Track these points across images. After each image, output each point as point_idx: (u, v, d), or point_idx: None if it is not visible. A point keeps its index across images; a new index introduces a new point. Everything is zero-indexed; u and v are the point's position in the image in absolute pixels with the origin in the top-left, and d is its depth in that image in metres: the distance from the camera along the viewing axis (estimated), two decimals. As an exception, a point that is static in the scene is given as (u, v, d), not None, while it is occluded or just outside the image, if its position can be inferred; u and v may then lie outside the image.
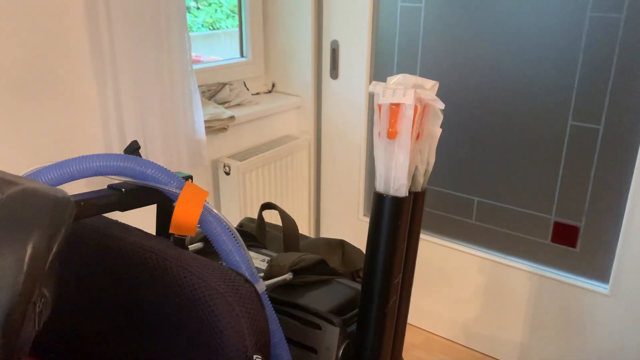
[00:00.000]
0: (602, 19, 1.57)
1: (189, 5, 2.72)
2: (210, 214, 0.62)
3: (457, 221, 2.00)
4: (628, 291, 1.70)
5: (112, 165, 0.62)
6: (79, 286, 0.63)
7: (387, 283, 0.65)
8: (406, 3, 1.90)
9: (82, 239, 0.63)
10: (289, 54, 2.15)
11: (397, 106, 0.59)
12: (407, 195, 0.64)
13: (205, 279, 0.55)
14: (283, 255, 0.80)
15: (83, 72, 1.42)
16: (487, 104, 1.82)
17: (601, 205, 1.70)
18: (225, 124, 1.81)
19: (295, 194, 2.16)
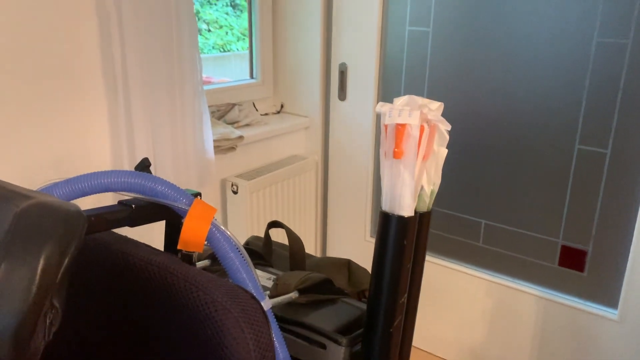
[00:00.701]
0: (609, 45, 1.59)
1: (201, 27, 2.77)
2: (218, 231, 0.63)
3: (464, 244, 2.00)
4: (637, 317, 1.68)
5: (123, 181, 0.63)
6: (88, 299, 0.64)
7: (393, 303, 0.65)
8: (414, 27, 1.92)
9: (92, 253, 0.63)
10: (298, 76, 2.17)
11: (403, 126, 0.60)
12: (413, 215, 0.64)
13: (212, 295, 0.55)
14: (289, 274, 0.81)
15: (94, 90, 1.44)
16: (494, 127, 1.83)
17: (609, 229, 1.69)
18: (234, 144, 1.83)
19: (303, 214, 2.16)
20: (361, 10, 1.99)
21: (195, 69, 1.59)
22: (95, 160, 1.50)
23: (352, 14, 2.01)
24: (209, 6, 2.71)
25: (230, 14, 2.73)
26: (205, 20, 2.76)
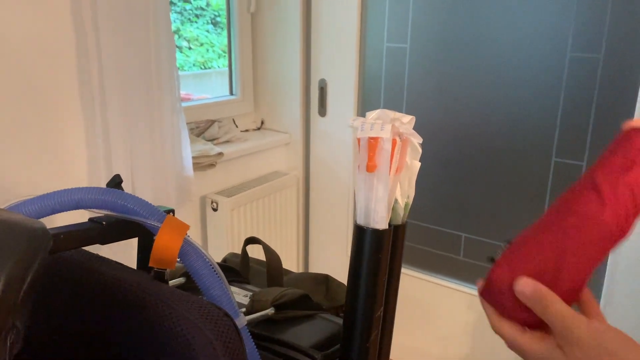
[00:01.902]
0: (581, 59, 1.62)
1: (182, 45, 2.77)
2: (191, 247, 0.62)
3: (444, 257, 2.00)
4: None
5: (93, 198, 0.62)
6: (58, 319, 0.62)
7: (369, 317, 0.65)
8: (392, 43, 1.95)
9: (61, 272, 0.62)
10: (278, 92, 2.18)
11: (375, 140, 0.60)
12: (388, 228, 0.64)
13: (184, 313, 0.54)
14: (266, 290, 0.80)
15: (71, 108, 1.43)
16: (472, 141, 1.85)
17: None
18: (214, 161, 1.82)
19: (284, 230, 2.15)
20: (340, 27, 2.01)
21: (173, 85, 1.59)
22: (72, 178, 1.48)
23: (331, 31, 2.03)
24: (190, 24, 2.71)
25: (211, 31, 2.74)
26: (186, 37, 2.77)
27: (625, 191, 0.52)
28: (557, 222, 0.53)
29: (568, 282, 0.51)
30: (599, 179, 0.53)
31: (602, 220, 0.51)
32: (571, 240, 0.52)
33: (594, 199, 0.52)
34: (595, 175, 0.54)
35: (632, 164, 0.53)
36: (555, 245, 0.52)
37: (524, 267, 0.52)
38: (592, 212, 0.52)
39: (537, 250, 0.52)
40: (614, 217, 0.52)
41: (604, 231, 0.51)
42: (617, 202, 0.52)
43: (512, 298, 0.51)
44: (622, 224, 0.52)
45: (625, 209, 0.52)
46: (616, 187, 0.52)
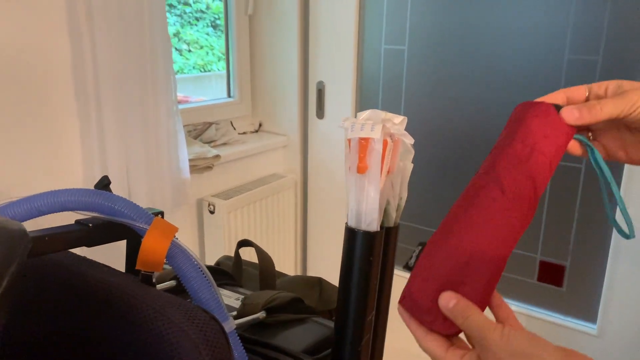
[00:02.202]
0: (579, 61, 1.61)
1: (181, 48, 2.77)
2: (178, 249, 0.61)
3: (443, 260, 1.99)
4: (616, 331, 1.68)
5: (80, 200, 0.61)
6: (43, 322, 0.62)
7: (360, 320, 0.64)
8: (390, 45, 1.94)
9: (47, 275, 0.61)
10: (276, 94, 2.17)
11: (365, 141, 0.59)
12: (379, 230, 0.63)
13: (169, 317, 0.53)
14: (257, 294, 0.79)
15: (66, 110, 1.42)
16: (470, 143, 1.84)
17: (586, 243, 1.70)
18: (211, 163, 1.81)
19: (282, 233, 2.14)
20: (338, 29, 2.00)
21: (169, 88, 1.58)
22: (67, 181, 1.47)
23: (329, 33, 2.03)
24: (190, 27, 2.71)
25: (211, 34, 2.73)
26: (185, 40, 2.76)
27: (527, 183, 0.51)
28: (464, 222, 0.51)
29: (479, 285, 0.50)
30: (500, 172, 0.52)
31: (508, 218, 0.50)
32: (477, 243, 0.50)
33: (497, 195, 0.51)
34: (496, 165, 0.53)
35: (531, 150, 0.52)
36: (462, 249, 0.50)
37: (439, 275, 0.50)
38: (496, 209, 0.51)
39: (447, 255, 0.51)
40: (518, 212, 0.50)
41: (509, 229, 0.50)
42: (520, 196, 0.51)
43: (435, 311, 0.50)
44: (525, 216, 0.51)
45: (529, 201, 0.51)
46: (518, 180, 0.51)
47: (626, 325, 1.65)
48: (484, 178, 0.53)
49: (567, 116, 0.52)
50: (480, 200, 0.52)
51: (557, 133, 0.53)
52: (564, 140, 0.53)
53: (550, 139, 0.52)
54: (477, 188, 0.53)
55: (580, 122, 0.52)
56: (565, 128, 0.53)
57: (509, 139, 0.54)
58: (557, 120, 0.53)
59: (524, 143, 0.52)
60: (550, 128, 0.52)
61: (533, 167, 0.51)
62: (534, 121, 0.53)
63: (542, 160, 0.51)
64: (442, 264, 0.51)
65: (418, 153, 2.07)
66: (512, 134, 0.54)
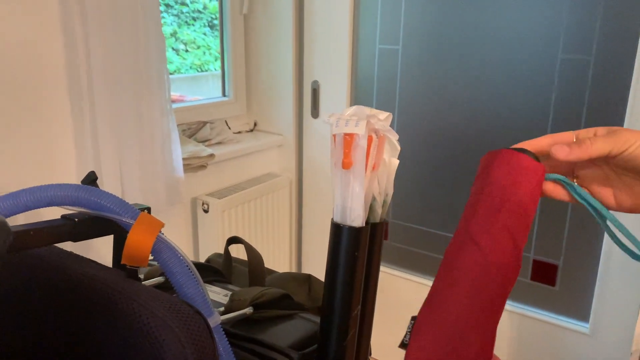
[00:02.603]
0: (572, 61, 1.62)
1: (178, 47, 2.77)
2: (164, 244, 0.62)
3: (433, 258, 1.99)
4: (608, 330, 1.69)
5: (66, 195, 0.61)
6: (27, 316, 0.62)
7: (346, 315, 0.64)
8: (384, 45, 1.94)
9: (31, 270, 0.61)
10: (271, 94, 2.18)
11: (350, 136, 0.59)
12: (365, 226, 0.64)
13: (153, 310, 0.53)
14: (245, 290, 0.79)
15: (60, 110, 1.43)
16: (463, 142, 1.84)
17: (579, 243, 1.71)
18: (205, 162, 1.81)
19: (277, 232, 2.14)
20: (332, 29, 2.01)
21: (163, 87, 1.58)
22: (60, 180, 1.47)
23: (324, 33, 2.03)
24: (187, 27, 2.71)
25: (208, 34, 2.74)
26: (182, 40, 2.76)
27: (503, 236, 0.49)
28: (448, 291, 0.51)
29: (476, 348, 0.49)
30: (474, 230, 0.50)
31: (490, 279, 0.49)
32: (466, 310, 0.49)
33: (476, 257, 0.49)
34: (469, 225, 0.51)
35: (500, 202, 0.50)
36: (452, 320, 0.49)
37: (434, 350, 0.50)
38: (477, 272, 0.49)
39: (439, 329, 0.50)
40: (502, 269, 0.49)
41: (495, 287, 0.49)
42: (501, 251, 0.49)
43: None
44: (509, 270, 0.50)
45: (510, 255, 0.49)
46: (494, 235, 0.49)
47: (618, 324, 1.66)
48: (462, 236, 0.52)
49: (557, 152, 0.51)
50: (460, 263, 0.51)
51: (525, 177, 0.51)
52: (535, 181, 0.51)
53: (518, 185, 0.51)
54: (456, 249, 0.52)
55: (571, 158, 0.50)
56: (533, 169, 0.51)
57: (478, 195, 0.53)
58: (522, 164, 0.51)
59: (492, 196, 0.51)
60: (515, 174, 0.51)
61: (506, 219, 0.50)
62: (498, 171, 0.52)
63: (514, 209, 0.50)
64: (436, 337, 0.50)
65: (412, 152, 2.07)
66: (481, 189, 0.53)
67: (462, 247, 0.51)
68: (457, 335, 0.49)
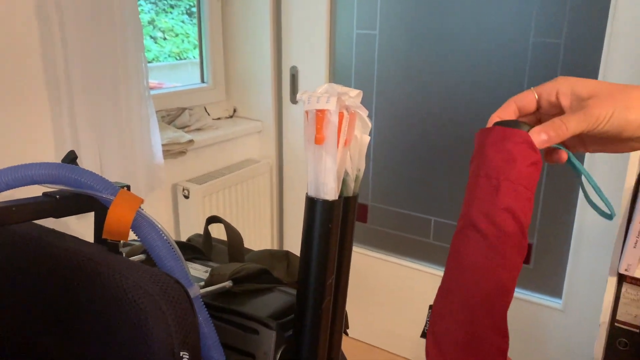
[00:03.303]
0: (544, 44, 1.66)
1: (156, 35, 2.75)
2: (144, 220, 0.64)
3: (415, 241, 2.04)
4: (580, 305, 1.75)
5: (47, 173, 0.63)
6: (11, 292, 0.64)
7: (321, 283, 0.67)
8: (361, 30, 1.96)
9: (15, 246, 0.63)
10: (250, 80, 2.19)
11: (322, 113, 0.62)
12: (337, 199, 0.67)
13: (135, 280, 0.56)
14: (225, 265, 0.82)
15: (37, 97, 1.42)
16: (441, 126, 1.88)
17: (552, 223, 1.76)
18: (184, 148, 1.82)
19: (258, 217, 2.17)
20: (310, 15, 2.02)
21: (141, 74, 1.58)
22: (39, 166, 1.47)
23: (301, 18, 2.04)
24: (165, 14, 2.69)
25: (187, 22, 2.72)
26: (161, 28, 2.75)
27: (504, 217, 0.49)
28: (457, 280, 0.50)
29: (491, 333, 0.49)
30: (474, 215, 0.49)
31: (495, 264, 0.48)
32: (476, 298, 0.49)
33: (479, 243, 0.49)
34: (470, 211, 0.50)
35: (497, 182, 0.49)
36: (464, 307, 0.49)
37: (450, 341, 0.50)
38: (481, 259, 0.48)
39: (453, 317, 0.50)
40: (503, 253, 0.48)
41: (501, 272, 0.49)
42: (504, 233, 0.48)
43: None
44: (514, 252, 0.49)
45: (515, 235, 0.49)
46: (494, 217, 0.49)
47: (588, 300, 1.72)
48: (464, 221, 0.51)
49: (536, 141, 0.51)
50: (464, 250, 0.50)
51: (520, 151, 0.50)
52: (532, 153, 0.51)
53: (513, 161, 0.50)
54: (460, 236, 0.51)
55: (549, 145, 0.51)
56: (526, 141, 0.50)
57: (476, 177, 0.52)
58: (516, 140, 0.50)
59: (489, 177, 0.50)
60: (508, 152, 0.50)
61: (506, 198, 0.49)
62: (491, 150, 0.51)
63: (512, 187, 0.49)
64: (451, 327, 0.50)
65: (391, 136, 2.10)
66: (477, 171, 0.52)
67: (464, 234, 0.50)
68: (471, 321, 0.49)
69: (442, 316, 0.51)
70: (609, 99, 0.50)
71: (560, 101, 0.54)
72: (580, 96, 0.53)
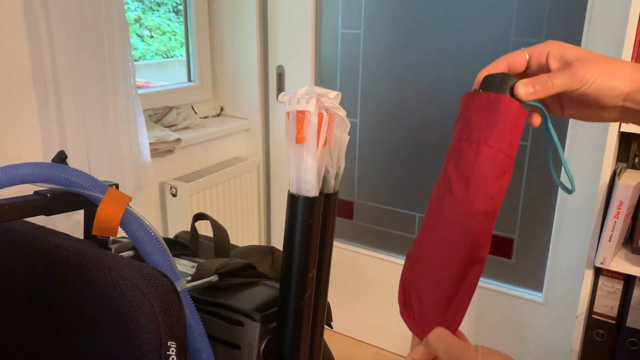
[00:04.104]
0: (524, 43, 1.69)
1: (143, 34, 2.76)
2: (132, 216, 0.66)
3: (400, 237, 2.08)
4: (559, 298, 1.80)
5: (38, 173, 0.65)
6: (2, 286, 0.66)
7: (303, 277, 0.70)
8: (346, 30, 2.00)
9: (5, 243, 0.66)
10: (237, 79, 2.21)
11: (302, 113, 0.65)
12: (318, 196, 0.70)
13: (123, 274, 0.58)
14: (211, 261, 0.84)
15: (25, 96, 1.44)
16: (424, 124, 1.92)
17: (532, 217, 1.81)
18: (172, 147, 1.84)
19: (245, 215, 2.19)
20: (296, 14, 2.05)
21: (127, 73, 1.60)
22: (27, 165, 1.49)
23: (287, 18, 2.07)
24: (151, 12, 2.70)
25: (173, 20, 2.73)
26: (147, 26, 2.75)
27: (481, 180, 0.50)
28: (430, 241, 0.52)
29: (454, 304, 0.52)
30: (453, 176, 0.52)
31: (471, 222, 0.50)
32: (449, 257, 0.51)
33: (451, 204, 0.51)
34: (449, 171, 0.52)
35: (477, 146, 0.51)
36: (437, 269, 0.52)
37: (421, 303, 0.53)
38: (453, 220, 0.50)
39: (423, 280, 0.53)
40: (478, 213, 0.50)
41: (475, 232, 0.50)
42: (479, 193, 0.50)
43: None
44: (488, 211, 0.50)
45: (489, 196, 0.50)
46: (470, 181, 0.50)
47: (568, 293, 1.77)
48: (441, 183, 0.53)
49: (522, 92, 0.52)
50: (438, 211, 0.52)
51: (504, 117, 0.51)
52: (516, 120, 0.52)
53: (496, 128, 0.51)
54: (436, 198, 0.53)
55: (534, 97, 0.53)
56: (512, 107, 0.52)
57: (459, 142, 0.53)
58: (500, 105, 0.52)
59: (469, 141, 0.52)
60: (493, 116, 0.51)
61: (484, 163, 0.50)
62: (475, 115, 0.52)
63: (491, 153, 0.51)
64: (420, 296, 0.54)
65: (376, 134, 2.12)
66: (460, 133, 0.54)
67: (441, 196, 0.52)
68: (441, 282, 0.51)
69: (413, 282, 0.55)
70: (595, 64, 0.53)
71: (549, 63, 0.55)
72: (568, 60, 0.54)
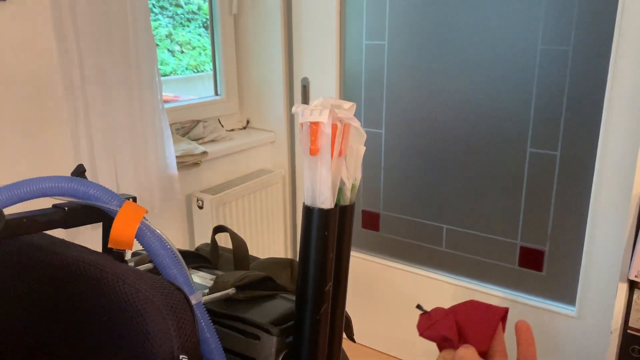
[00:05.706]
0: (551, 52, 1.66)
1: (174, 49, 2.81)
2: (148, 229, 0.67)
3: (428, 249, 2.05)
4: (593, 312, 1.74)
5: (57, 186, 0.67)
6: (20, 300, 0.67)
7: (319, 290, 0.69)
8: (371, 41, 1.99)
9: (24, 255, 0.67)
10: (262, 92, 2.23)
11: (316, 125, 0.65)
12: (333, 208, 0.69)
13: (137, 287, 0.59)
14: (229, 273, 0.84)
15: (55, 112, 1.48)
16: (451, 134, 1.89)
17: (563, 228, 1.75)
18: (198, 159, 1.87)
19: (271, 226, 2.20)
20: (320, 26, 2.06)
21: (154, 87, 1.63)
22: (57, 178, 1.52)
23: (312, 30, 2.08)
24: (182, 28, 2.75)
25: (203, 35, 2.78)
26: (178, 42, 2.81)
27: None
28: None
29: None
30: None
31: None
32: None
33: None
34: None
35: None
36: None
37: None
38: None
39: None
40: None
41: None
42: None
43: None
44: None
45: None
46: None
47: (602, 307, 1.71)
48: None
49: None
50: None
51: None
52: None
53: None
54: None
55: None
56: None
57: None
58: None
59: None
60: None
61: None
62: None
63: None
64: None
65: (402, 145, 2.11)
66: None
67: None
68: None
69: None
70: None
71: None
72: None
